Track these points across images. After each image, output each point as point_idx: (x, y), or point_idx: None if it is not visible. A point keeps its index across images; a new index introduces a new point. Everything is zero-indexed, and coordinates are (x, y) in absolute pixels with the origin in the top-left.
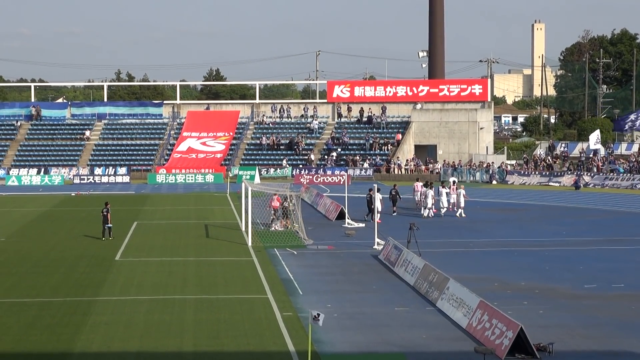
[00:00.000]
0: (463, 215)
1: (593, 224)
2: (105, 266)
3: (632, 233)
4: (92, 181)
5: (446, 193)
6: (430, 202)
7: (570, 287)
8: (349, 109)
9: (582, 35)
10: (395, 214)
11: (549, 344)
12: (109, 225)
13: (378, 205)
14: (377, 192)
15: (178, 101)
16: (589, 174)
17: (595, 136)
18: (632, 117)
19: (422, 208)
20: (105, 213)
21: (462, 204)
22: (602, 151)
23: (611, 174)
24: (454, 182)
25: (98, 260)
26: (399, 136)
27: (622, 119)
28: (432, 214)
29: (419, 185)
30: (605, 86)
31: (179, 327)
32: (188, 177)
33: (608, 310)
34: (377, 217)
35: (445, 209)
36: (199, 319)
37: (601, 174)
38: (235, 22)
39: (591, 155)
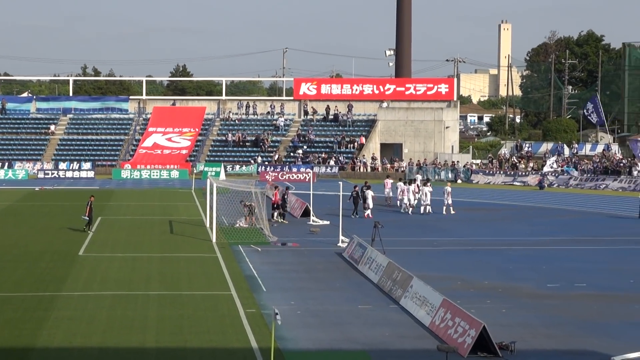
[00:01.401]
0: (430, 211)
1: (557, 224)
2: (69, 261)
3: (595, 233)
4: (57, 176)
5: (413, 191)
6: (412, 198)
7: (533, 287)
8: (314, 111)
9: (549, 36)
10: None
11: (511, 343)
12: (85, 217)
13: (370, 202)
14: (369, 189)
15: (144, 97)
16: (553, 174)
17: (550, 162)
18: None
19: (406, 205)
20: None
21: (428, 201)
22: (567, 151)
23: (567, 176)
24: (423, 180)
25: (61, 256)
26: (363, 139)
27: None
28: (410, 211)
29: (389, 182)
30: (570, 87)
31: (142, 323)
32: (153, 173)
33: (570, 310)
34: (367, 212)
35: (411, 207)
36: (162, 315)
37: (565, 175)
38: (202, 19)
39: (555, 158)
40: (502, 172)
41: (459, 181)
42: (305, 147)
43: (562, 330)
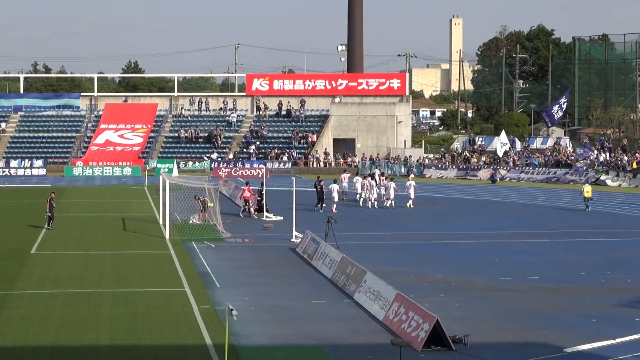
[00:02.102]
0: (393, 205)
1: (509, 218)
2: (20, 259)
3: (547, 226)
4: (8, 174)
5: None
6: (375, 192)
7: (486, 280)
8: (266, 107)
9: (500, 31)
10: (322, 207)
11: (464, 336)
12: (48, 214)
13: (335, 195)
14: (334, 182)
15: (96, 93)
16: (505, 168)
17: (499, 144)
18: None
19: (385, 199)
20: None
21: (392, 196)
22: (518, 145)
23: (527, 167)
24: (382, 174)
25: (13, 254)
26: (314, 137)
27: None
28: (376, 205)
29: (345, 177)
30: (521, 81)
31: (95, 321)
32: (105, 170)
33: (523, 302)
34: (333, 207)
35: (371, 201)
36: (115, 312)
37: (517, 168)
38: (154, 14)
39: (507, 150)
40: (454, 167)
41: (412, 175)
42: (258, 142)
43: (515, 323)
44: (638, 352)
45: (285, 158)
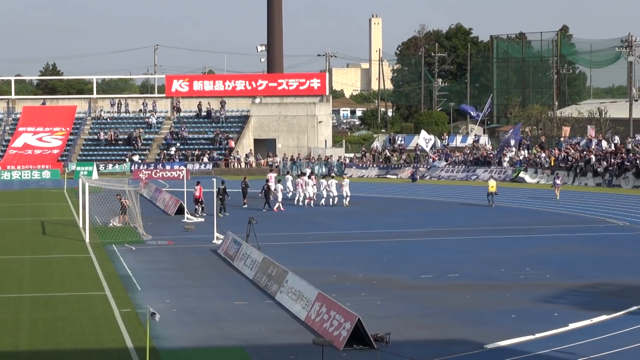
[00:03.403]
0: (347, 204)
1: (429, 216)
2: None
3: (466, 224)
4: None
5: (312, 185)
6: (311, 191)
7: (407, 278)
8: (179, 109)
9: (418, 30)
10: (245, 206)
11: (386, 334)
12: None
13: (279, 195)
14: (278, 182)
15: (13, 96)
16: (425, 166)
17: (423, 142)
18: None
19: (306, 197)
20: None
21: (335, 193)
22: (438, 143)
23: (447, 166)
24: (312, 173)
25: None
26: (232, 143)
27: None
28: (312, 203)
29: (272, 176)
30: (440, 80)
31: (14, 326)
32: (24, 173)
33: (443, 300)
34: (278, 205)
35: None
36: (35, 317)
37: (437, 166)
38: (71, 15)
39: (429, 148)
40: (375, 166)
41: (333, 175)
42: (178, 144)
43: (436, 321)
44: (557, 346)
45: (205, 159)
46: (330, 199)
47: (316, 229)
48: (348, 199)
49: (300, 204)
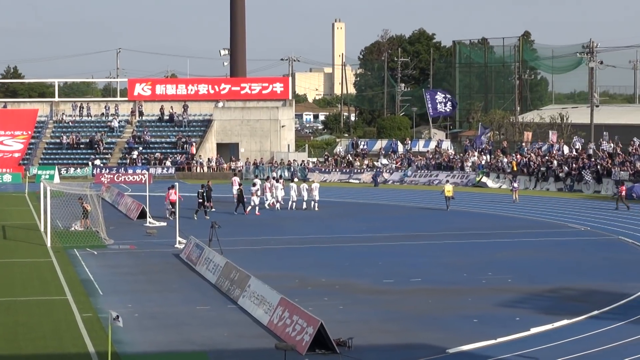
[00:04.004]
0: (316, 208)
1: (392, 220)
2: None
3: (429, 228)
4: None
5: (281, 188)
6: (279, 195)
7: (369, 283)
8: (141, 113)
9: (381, 35)
10: (212, 210)
11: (348, 339)
12: None
13: (254, 198)
14: (253, 186)
15: None
16: (387, 171)
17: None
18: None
19: (273, 202)
20: None
21: (306, 197)
22: (401, 148)
23: (409, 171)
24: (273, 177)
25: None
26: (193, 149)
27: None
28: (279, 207)
29: (236, 180)
30: (403, 84)
31: None
32: None
33: (406, 304)
34: (250, 208)
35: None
36: None
37: (400, 171)
38: (33, 18)
39: (389, 153)
40: (338, 170)
41: (295, 180)
42: (141, 148)
43: (399, 325)
44: (519, 351)
45: (168, 163)
46: (303, 203)
47: (279, 233)
48: (317, 203)
49: (268, 207)
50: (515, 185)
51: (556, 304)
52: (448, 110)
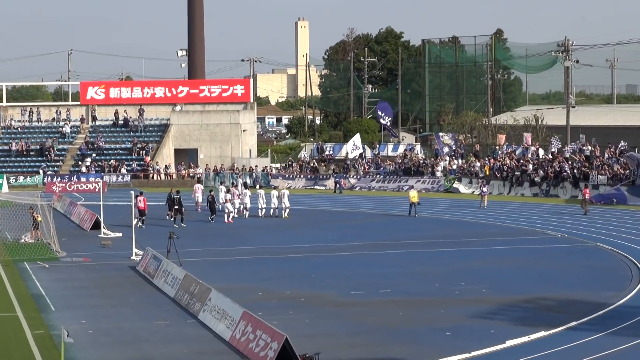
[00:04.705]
0: (287, 216)
1: (360, 228)
2: None
3: (398, 236)
4: None
5: (238, 195)
6: (248, 202)
7: (337, 294)
8: (94, 118)
9: (347, 34)
10: (171, 218)
11: (315, 354)
12: None
13: (229, 205)
14: (227, 192)
15: None
16: (355, 177)
17: (351, 144)
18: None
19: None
20: None
21: (276, 204)
22: (369, 153)
23: (377, 176)
24: (243, 183)
25: None
26: (147, 159)
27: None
28: (247, 215)
29: (199, 187)
30: (370, 86)
31: None
32: None
33: (375, 317)
34: (228, 216)
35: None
36: None
37: (367, 177)
38: None
39: (357, 157)
40: (302, 176)
41: (258, 186)
42: (94, 154)
43: (368, 339)
44: None
45: (123, 170)
46: (271, 210)
47: (241, 243)
48: (288, 210)
49: (237, 215)
50: (485, 190)
51: (533, 314)
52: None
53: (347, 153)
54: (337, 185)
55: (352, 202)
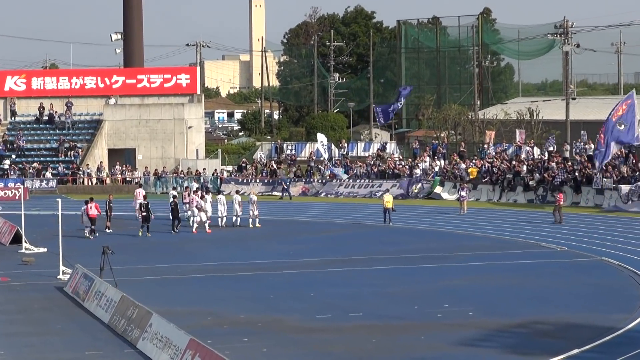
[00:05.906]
0: (258, 225)
1: (326, 241)
2: None
3: (370, 250)
4: None
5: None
6: (209, 209)
7: (299, 319)
8: (14, 113)
9: (310, 14)
10: (109, 231)
11: None
12: None
13: (202, 215)
14: (201, 198)
15: None
16: (321, 181)
17: (321, 146)
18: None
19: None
20: None
21: (239, 212)
22: (336, 152)
23: (335, 180)
24: (197, 188)
25: None
26: (74, 165)
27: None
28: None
29: (141, 193)
30: (337, 74)
31: None
32: None
33: (344, 344)
34: (197, 227)
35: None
36: None
37: (334, 181)
38: None
39: (322, 158)
40: (258, 180)
41: (210, 194)
42: (14, 156)
43: None
44: None
45: (48, 175)
46: (233, 218)
47: (187, 259)
48: (257, 218)
49: (197, 224)
50: (463, 194)
51: (527, 341)
52: (400, 105)
53: (323, 158)
54: (284, 189)
55: (316, 210)
